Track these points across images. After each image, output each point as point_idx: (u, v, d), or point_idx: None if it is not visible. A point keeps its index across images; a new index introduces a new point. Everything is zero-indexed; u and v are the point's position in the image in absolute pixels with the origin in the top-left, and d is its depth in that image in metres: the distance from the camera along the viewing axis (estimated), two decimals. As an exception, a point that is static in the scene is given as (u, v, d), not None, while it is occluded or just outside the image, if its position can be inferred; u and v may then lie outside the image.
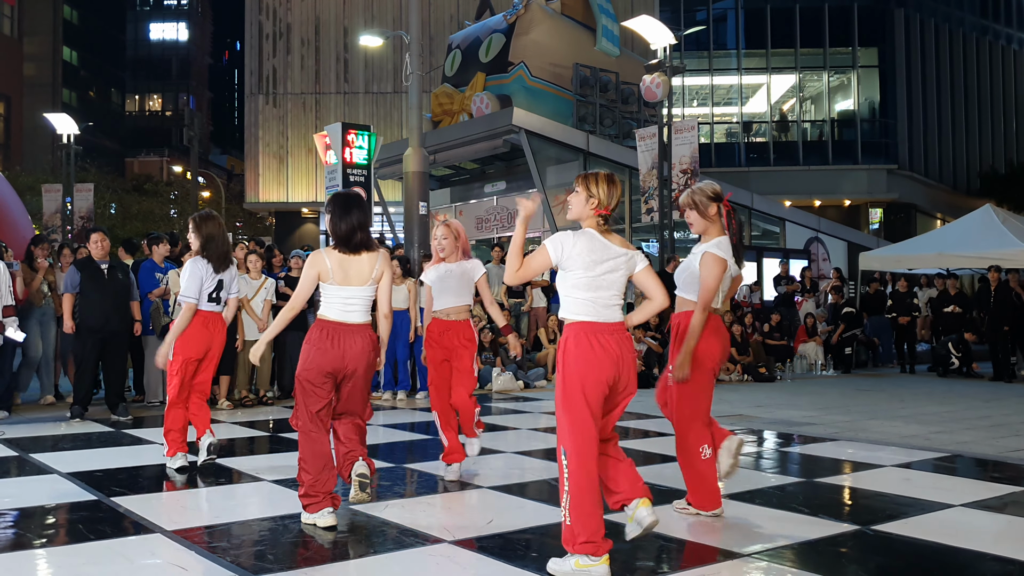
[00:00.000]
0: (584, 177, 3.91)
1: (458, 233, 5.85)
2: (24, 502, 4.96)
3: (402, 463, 6.31)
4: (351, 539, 4.25)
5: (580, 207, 3.87)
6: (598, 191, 3.84)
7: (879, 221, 33.58)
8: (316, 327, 4.50)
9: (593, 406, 3.66)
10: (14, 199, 17.37)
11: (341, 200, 4.54)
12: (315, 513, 4.40)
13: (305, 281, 4.53)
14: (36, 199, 26.16)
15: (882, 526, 4.49)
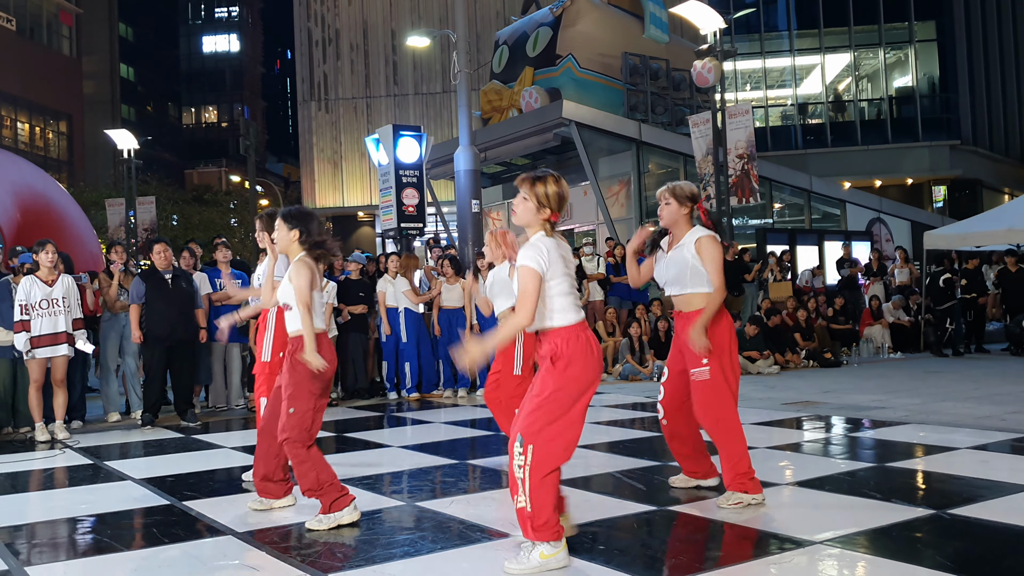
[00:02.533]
0: (531, 182, 3.68)
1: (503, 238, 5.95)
2: (100, 508, 5.09)
3: (464, 459, 6.32)
4: (417, 535, 4.27)
5: (530, 215, 3.69)
6: (549, 200, 3.66)
7: (943, 199, 32.73)
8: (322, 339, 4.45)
9: (584, 411, 3.67)
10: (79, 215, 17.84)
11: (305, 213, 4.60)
12: (344, 509, 4.35)
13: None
14: (100, 214, 26.87)
15: (959, 510, 4.37)
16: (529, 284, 3.57)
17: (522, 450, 3.55)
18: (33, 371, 7.67)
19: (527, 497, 3.55)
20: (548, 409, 3.58)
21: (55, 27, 46.46)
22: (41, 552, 4.25)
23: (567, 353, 3.60)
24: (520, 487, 3.56)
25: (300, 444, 4.35)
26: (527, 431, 3.57)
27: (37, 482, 6.14)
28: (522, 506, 3.57)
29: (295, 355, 4.39)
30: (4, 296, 8.12)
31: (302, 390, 4.36)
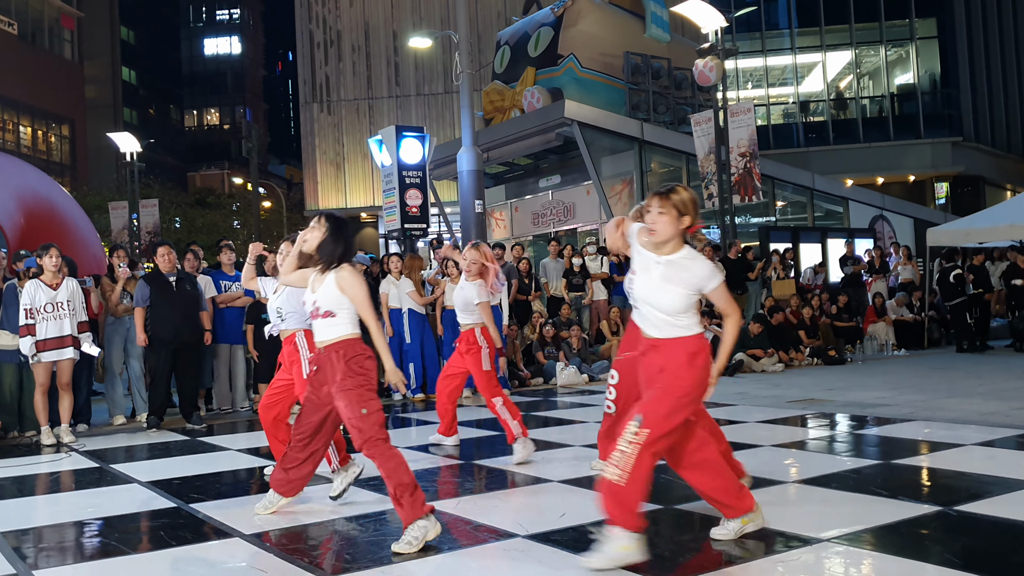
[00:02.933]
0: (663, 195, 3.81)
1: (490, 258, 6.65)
2: (107, 511, 5.10)
3: (470, 459, 6.33)
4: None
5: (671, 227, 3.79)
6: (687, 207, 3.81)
7: (945, 195, 32.67)
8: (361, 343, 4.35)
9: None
10: (83, 219, 17.87)
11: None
12: (426, 516, 4.02)
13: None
14: (104, 217, 26.90)
15: (965, 506, 4.37)
16: (728, 292, 3.86)
17: (637, 428, 3.62)
18: (39, 375, 7.68)
19: (625, 473, 3.59)
20: (679, 406, 3.69)
21: (57, 31, 46.51)
22: (48, 556, 4.26)
23: (707, 356, 3.77)
24: (622, 458, 3.60)
25: (383, 441, 4.16)
26: (651, 419, 3.64)
27: (43, 486, 6.16)
28: (614, 478, 3.60)
29: (351, 359, 4.24)
30: (11, 300, 8.14)
31: (365, 391, 4.22)
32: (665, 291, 3.77)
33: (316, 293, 4.33)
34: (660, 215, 3.74)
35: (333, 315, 4.28)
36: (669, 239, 3.78)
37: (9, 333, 8.09)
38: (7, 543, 4.42)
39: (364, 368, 4.24)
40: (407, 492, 4.02)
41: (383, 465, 4.10)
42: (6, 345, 8.12)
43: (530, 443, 6.13)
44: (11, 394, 8.18)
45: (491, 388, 6.40)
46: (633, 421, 3.64)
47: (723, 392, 9.62)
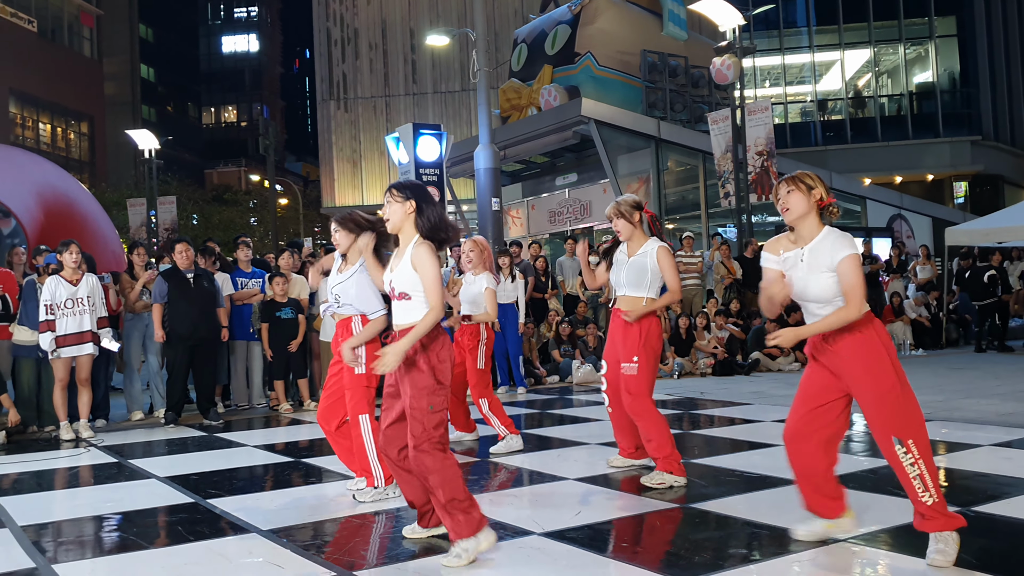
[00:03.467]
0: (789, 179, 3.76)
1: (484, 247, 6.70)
2: (126, 506, 5.14)
3: (485, 457, 6.33)
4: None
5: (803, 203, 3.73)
6: (813, 179, 3.80)
7: (964, 195, 32.43)
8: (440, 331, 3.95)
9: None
10: (102, 215, 17.98)
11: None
12: (483, 531, 3.76)
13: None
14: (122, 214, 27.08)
15: (983, 507, 4.35)
16: (859, 275, 3.57)
17: (905, 448, 3.50)
18: (58, 370, 7.75)
19: (933, 489, 3.50)
20: (902, 398, 3.56)
21: (76, 29, 46.83)
22: (68, 550, 4.29)
23: (890, 342, 3.63)
24: (921, 483, 3.49)
25: (442, 445, 3.81)
26: (899, 429, 3.51)
27: (62, 480, 6.21)
28: (929, 501, 3.50)
29: (429, 348, 3.84)
30: (30, 296, 8.22)
31: (437, 386, 3.84)
32: (813, 281, 3.65)
33: (393, 272, 3.96)
34: (788, 194, 3.69)
35: (408, 297, 3.90)
36: (804, 214, 3.69)
37: (28, 329, 8.16)
38: (27, 537, 4.47)
39: (440, 359, 3.86)
40: (460, 508, 3.73)
41: (437, 470, 3.74)
42: (25, 341, 8.19)
43: (515, 440, 6.36)
44: (30, 389, 8.25)
45: (481, 388, 6.54)
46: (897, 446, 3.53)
47: (739, 391, 9.60)
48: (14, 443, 7.69)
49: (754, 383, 10.52)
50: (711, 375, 11.55)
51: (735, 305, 12.96)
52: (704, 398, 9.09)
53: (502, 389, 10.42)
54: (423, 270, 3.83)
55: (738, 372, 11.63)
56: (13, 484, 5.97)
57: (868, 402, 3.56)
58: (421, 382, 3.80)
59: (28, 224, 15.16)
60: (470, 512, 3.74)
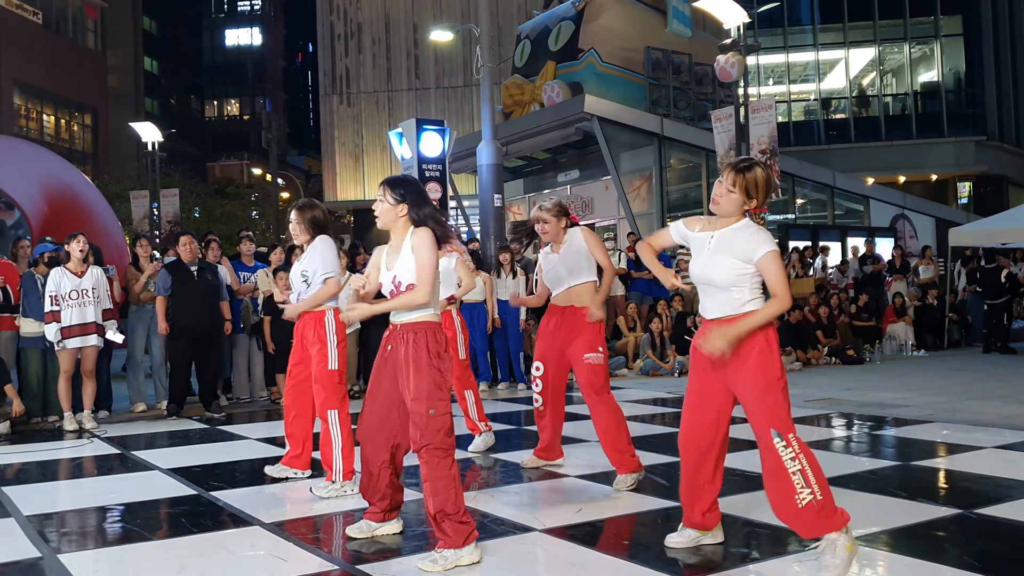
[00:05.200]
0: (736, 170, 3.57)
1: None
2: (129, 497, 5.16)
3: (488, 452, 6.34)
4: (443, 529, 4.30)
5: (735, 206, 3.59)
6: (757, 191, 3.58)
7: (968, 195, 32.37)
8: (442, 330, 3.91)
9: None
10: (105, 207, 18.00)
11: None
12: (469, 545, 3.69)
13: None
14: (125, 206, 27.08)
15: (985, 509, 4.36)
16: (782, 268, 3.51)
17: (785, 442, 3.42)
18: (64, 361, 7.76)
19: (816, 487, 3.39)
20: (784, 393, 3.49)
21: (80, 21, 46.81)
22: (71, 540, 4.31)
23: (774, 335, 3.55)
24: (802, 480, 3.39)
25: (443, 451, 3.71)
26: (780, 423, 3.44)
27: (66, 471, 6.23)
28: (810, 500, 3.38)
29: (432, 348, 3.77)
30: (31, 289, 8.24)
31: (439, 389, 3.75)
32: (716, 263, 3.58)
33: (393, 269, 3.84)
34: (729, 193, 3.56)
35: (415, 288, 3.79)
36: (731, 215, 3.61)
37: (32, 320, 8.19)
38: (31, 526, 4.48)
39: (442, 359, 3.79)
40: (452, 520, 3.66)
41: (435, 479, 3.68)
42: (31, 332, 8.21)
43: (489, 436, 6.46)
44: (37, 380, 8.27)
45: (465, 380, 6.52)
46: (776, 439, 3.45)
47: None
48: (18, 433, 7.71)
49: (755, 382, 10.52)
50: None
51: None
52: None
53: (502, 385, 10.44)
54: (419, 253, 3.76)
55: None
56: (17, 474, 6.00)
57: (752, 395, 3.48)
58: (423, 383, 3.73)
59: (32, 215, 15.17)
60: (462, 524, 3.67)
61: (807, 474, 3.39)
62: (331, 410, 5.04)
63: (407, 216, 3.87)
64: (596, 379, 5.15)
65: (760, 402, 3.47)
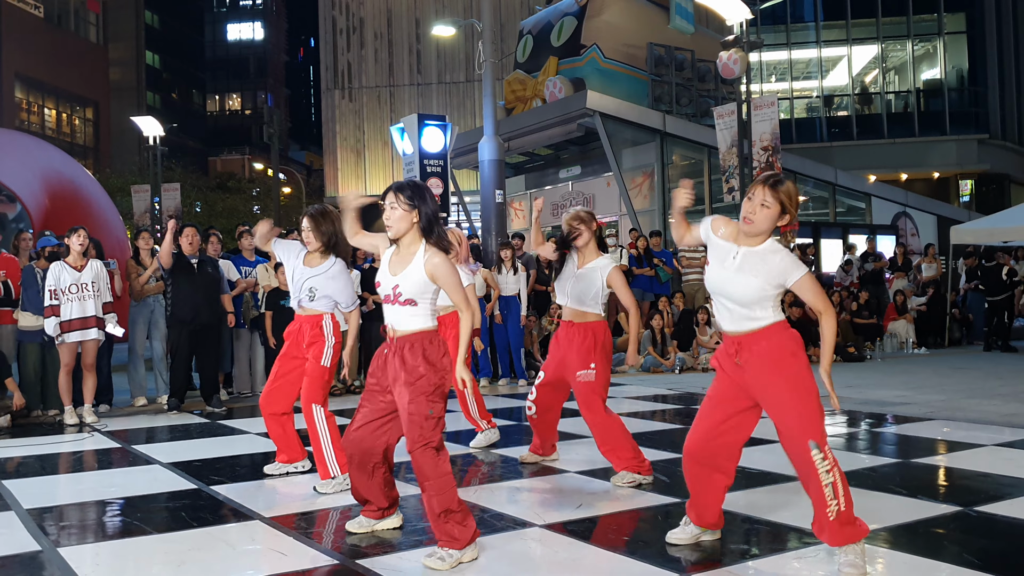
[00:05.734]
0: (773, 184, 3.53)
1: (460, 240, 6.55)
2: (129, 491, 5.16)
3: (489, 448, 6.34)
4: (442, 524, 4.30)
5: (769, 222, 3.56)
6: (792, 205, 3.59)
7: (970, 193, 32.36)
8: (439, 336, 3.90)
9: None
10: (106, 201, 18.01)
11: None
12: (471, 544, 3.69)
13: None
14: (126, 200, 27.08)
15: (985, 507, 4.36)
16: (819, 285, 3.53)
17: (823, 455, 3.41)
18: (64, 355, 7.77)
19: (843, 497, 3.40)
20: (819, 402, 3.48)
21: (82, 14, 46.80)
22: (71, 534, 4.32)
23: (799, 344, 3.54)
24: (832, 491, 3.40)
25: (438, 451, 3.71)
26: (818, 434, 3.43)
27: (66, 464, 6.23)
28: (835, 512, 3.40)
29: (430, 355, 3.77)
30: (30, 283, 8.24)
31: (438, 392, 3.76)
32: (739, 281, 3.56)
33: (398, 276, 3.83)
34: (763, 207, 3.50)
35: (415, 304, 3.80)
36: (765, 231, 3.56)
37: (31, 314, 8.19)
38: (31, 520, 4.49)
39: (443, 366, 3.79)
40: (455, 520, 3.66)
41: (433, 477, 3.67)
42: (29, 326, 8.22)
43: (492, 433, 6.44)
44: (35, 373, 8.28)
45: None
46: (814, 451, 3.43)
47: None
48: (19, 427, 7.72)
49: (756, 379, 10.52)
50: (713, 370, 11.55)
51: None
52: (705, 393, 9.09)
53: (503, 381, 10.45)
54: (446, 282, 3.76)
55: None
56: (18, 467, 6.00)
57: (784, 405, 3.47)
58: (423, 386, 3.72)
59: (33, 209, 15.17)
60: (464, 524, 3.67)
61: (837, 487, 3.41)
62: (315, 404, 5.06)
63: (419, 224, 3.85)
64: (586, 397, 5.13)
65: (797, 413, 3.46)
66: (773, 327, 3.54)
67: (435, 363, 3.76)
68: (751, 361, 3.55)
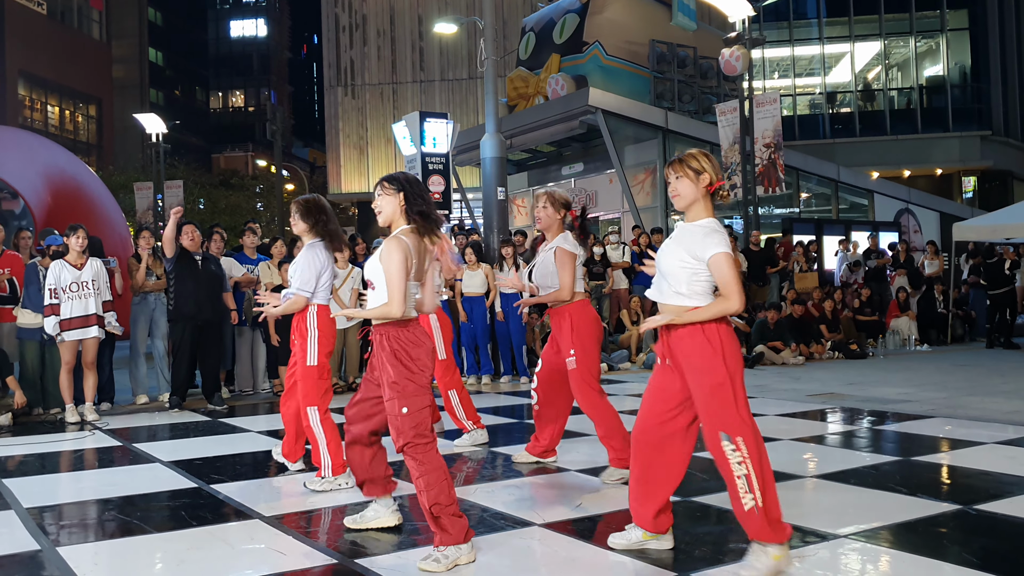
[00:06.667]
0: (677, 162, 3.62)
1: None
2: (129, 489, 5.16)
3: (488, 447, 6.34)
4: (442, 523, 4.29)
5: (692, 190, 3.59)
6: (704, 166, 3.60)
7: (973, 190, 32.29)
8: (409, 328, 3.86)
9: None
10: (109, 198, 18.04)
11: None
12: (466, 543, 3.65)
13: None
14: (129, 197, 27.13)
15: (985, 506, 4.35)
16: (733, 269, 3.44)
17: (734, 445, 3.39)
18: (65, 353, 7.78)
19: (758, 494, 3.36)
20: (735, 394, 3.42)
21: (85, 12, 46.83)
22: (71, 533, 4.32)
23: (727, 339, 3.47)
24: (746, 485, 3.36)
25: (423, 447, 3.71)
26: (729, 426, 3.40)
27: (67, 463, 6.24)
28: (751, 506, 3.36)
29: (396, 347, 3.78)
30: (32, 280, 8.25)
31: (410, 385, 3.74)
32: (669, 253, 3.59)
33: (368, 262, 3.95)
34: (677, 180, 3.58)
35: (373, 287, 3.87)
36: (693, 200, 3.57)
37: (31, 312, 8.19)
38: (31, 519, 4.49)
39: (411, 357, 3.77)
40: (447, 513, 3.62)
41: (423, 472, 3.66)
42: (28, 323, 8.22)
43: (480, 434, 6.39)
44: (34, 371, 8.29)
45: (447, 379, 6.42)
46: (724, 441, 3.42)
47: (742, 384, 9.59)
48: (20, 425, 7.73)
49: (757, 376, 10.52)
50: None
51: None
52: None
53: (505, 378, 10.44)
54: (385, 263, 3.77)
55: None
56: (18, 466, 6.01)
57: (700, 396, 3.47)
58: (394, 384, 3.75)
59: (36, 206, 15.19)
60: (456, 518, 3.64)
61: (751, 480, 3.36)
62: (310, 407, 5.02)
63: (403, 207, 3.85)
64: (572, 383, 5.14)
65: (707, 404, 3.45)
66: (696, 326, 3.48)
67: (403, 360, 3.76)
68: (675, 357, 3.56)
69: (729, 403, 3.41)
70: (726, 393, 3.41)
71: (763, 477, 3.39)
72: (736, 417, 3.41)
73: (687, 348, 3.48)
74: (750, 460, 3.38)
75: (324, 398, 5.10)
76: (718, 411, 3.42)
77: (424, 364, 3.79)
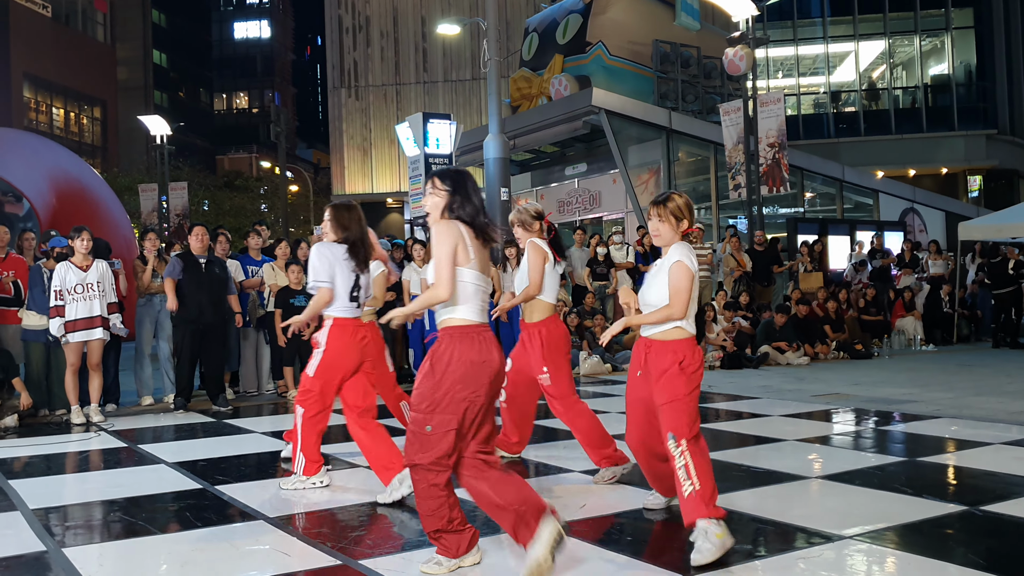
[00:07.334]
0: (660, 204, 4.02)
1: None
2: (134, 491, 5.16)
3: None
4: (446, 524, 4.29)
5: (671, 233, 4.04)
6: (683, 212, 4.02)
7: (978, 189, 32.19)
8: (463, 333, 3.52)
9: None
10: (113, 200, 18.06)
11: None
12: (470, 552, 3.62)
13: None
14: (134, 199, 27.16)
15: (991, 506, 4.33)
16: (685, 280, 3.88)
17: (677, 444, 3.81)
18: (70, 355, 7.79)
19: (696, 479, 3.73)
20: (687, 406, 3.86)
21: (90, 14, 46.93)
22: (76, 534, 4.33)
23: (695, 362, 3.92)
24: (685, 473, 3.76)
25: (435, 474, 3.42)
26: (677, 429, 3.83)
27: (72, 464, 6.25)
28: (691, 491, 3.72)
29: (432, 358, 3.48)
30: (36, 282, 8.25)
31: (436, 400, 3.41)
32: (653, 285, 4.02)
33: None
34: (660, 223, 3.98)
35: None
36: (670, 242, 4.01)
37: (36, 313, 8.20)
38: (37, 520, 4.50)
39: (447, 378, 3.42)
40: (446, 534, 3.54)
41: (423, 499, 3.50)
42: (33, 325, 8.23)
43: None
44: (39, 373, 8.29)
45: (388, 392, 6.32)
46: (671, 442, 3.84)
47: (747, 384, 9.59)
48: (26, 426, 7.74)
49: (763, 377, 10.51)
50: (719, 368, 11.53)
51: (744, 298, 12.92)
52: (712, 391, 9.07)
53: (510, 379, 10.42)
54: (435, 244, 3.44)
55: (746, 365, 11.61)
56: (24, 467, 6.02)
57: (660, 402, 3.92)
58: (422, 391, 3.46)
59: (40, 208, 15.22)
60: (458, 533, 3.55)
61: (689, 468, 3.77)
62: (299, 405, 5.02)
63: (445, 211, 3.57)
64: (550, 399, 5.28)
65: (663, 412, 3.91)
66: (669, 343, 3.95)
67: (439, 367, 3.44)
68: (647, 369, 4.02)
69: (683, 414, 3.86)
70: (682, 407, 3.87)
71: (700, 468, 3.78)
72: (685, 425, 3.84)
73: (662, 364, 3.93)
74: (689, 453, 3.79)
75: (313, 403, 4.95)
76: (672, 417, 3.87)
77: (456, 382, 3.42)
